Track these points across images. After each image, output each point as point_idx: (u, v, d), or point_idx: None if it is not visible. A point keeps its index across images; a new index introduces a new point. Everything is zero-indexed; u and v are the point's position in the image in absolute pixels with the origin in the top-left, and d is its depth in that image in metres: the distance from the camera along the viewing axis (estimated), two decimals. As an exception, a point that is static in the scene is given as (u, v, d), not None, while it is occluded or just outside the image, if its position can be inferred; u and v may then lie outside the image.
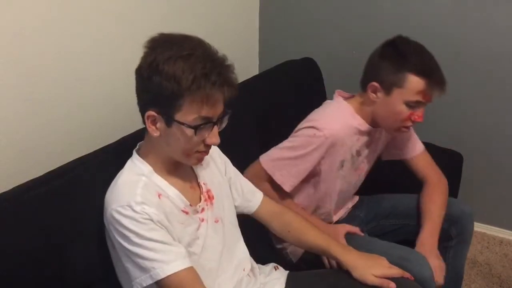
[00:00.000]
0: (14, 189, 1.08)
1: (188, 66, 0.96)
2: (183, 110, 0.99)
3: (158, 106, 1.01)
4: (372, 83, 1.41)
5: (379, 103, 1.42)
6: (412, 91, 1.36)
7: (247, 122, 1.68)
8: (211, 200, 1.17)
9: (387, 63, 1.39)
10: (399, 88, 1.37)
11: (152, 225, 1.00)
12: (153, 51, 0.99)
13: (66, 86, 1.39)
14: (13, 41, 1.23)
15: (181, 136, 1.02)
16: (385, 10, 2.08)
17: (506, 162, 2.10)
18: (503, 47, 1.93)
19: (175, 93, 0.97)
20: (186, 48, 0.98)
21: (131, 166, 1.10)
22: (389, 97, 1.39)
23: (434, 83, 1.36)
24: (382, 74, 1.40)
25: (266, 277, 1.28)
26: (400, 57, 1.38)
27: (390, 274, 1.20)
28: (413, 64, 1.35)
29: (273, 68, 1.98)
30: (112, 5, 1.49)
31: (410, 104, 1.37)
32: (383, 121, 1.45)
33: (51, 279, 1.06)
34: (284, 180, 1.44)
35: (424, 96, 1.36)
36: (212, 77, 0.97)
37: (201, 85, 0.96)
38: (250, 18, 2.29)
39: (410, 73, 1.35)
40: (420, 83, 1.35)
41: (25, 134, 1.30)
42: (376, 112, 1.45)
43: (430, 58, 1.39)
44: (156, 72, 0.97)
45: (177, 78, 0.96)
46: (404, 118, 1.39)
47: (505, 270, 2.05)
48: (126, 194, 1.02)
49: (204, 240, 1.13)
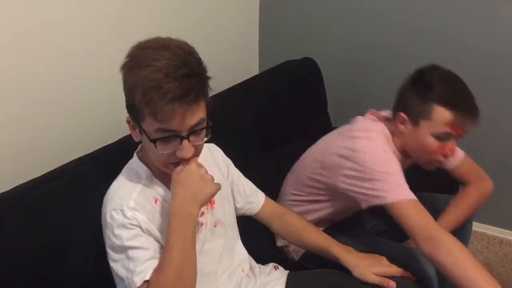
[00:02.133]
0: (14, 189, 1.08)
1: (145, 77, 0.92)
2: (146, 120, 0.96)
3: (129, 112, 1.00)
4: (400, 114, 1.35)
5: (407, 134, 1.35)
6: (439, 123, 1.28)
7: (247, 122, 1.68)
8: (212, 204, 1.17)
9: (414, 92, 1.33)
10: (426, 120, 1.29)
11: (138, 231, 0.99)
12: (131, 57, 0.97)
13: (66, 86, 1.39)
14: (13, 41, 1.23)
15: (149, 146, 1.00)
16: (385, 10, 2.08)
17: (506, 162, 2.10)
18: (503, 47, 1.93)
19: (136, 102, 0.95)
20: (152, 57, 0.94)
21: (131, 168, 1.09)
22: (417, 128, 1.32)
23: (463, 113, 1.27)
24: (409, 104, 1.33)
25: (266, 277, 1.28)
26: (426, 86, 1.30)
27: (390, 273, 1.20)
28: (438, 93, 1.28)
29: (273, 68, 1.98)
30: (113, 5, 1.49)
31: (439, 137, 1.30)
32: (413, 154, 1.38)
33: (51, 279, 1.06)
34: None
35: (453, 128, 1.28)
36: (162, 91, 0.90)
37: (152, 99, 0.91)
38: (250, 18, 2.29)
39: (435, 103, 1.27)
40: (446, 114, 1.27)
41: (25, 134, 1.30)
42: (406, 144, 1.37)
43: (459, 87, 1.31)
44: (128, 78, 0.96)
45: (132, 90, 0.94)
46: (433, 151, 1.32)
47: (505, 270, 2.05)
48: (121, 197, 1.02)
49: (203, 245, 1.13)
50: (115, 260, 1.00)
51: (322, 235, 1.30)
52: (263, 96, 1.79)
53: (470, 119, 1.28)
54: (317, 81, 2.06)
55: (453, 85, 1.31)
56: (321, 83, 2.07)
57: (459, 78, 1.33)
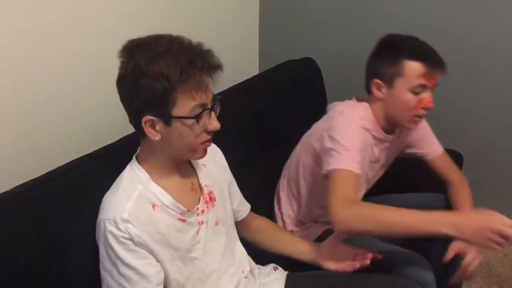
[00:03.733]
0: (14, 189, 1.08)
1: (171, 59, 0.95)
2: (179, 104, 0.98)
3: (152, 108, 0.99)
4: (375, 81, 1.42)
5: (386, 99, 1.42)
6: (412, 76, 1.35)
7: (247, 122, 1.68)
8: (213, 202, 1.17)
9: (383, 57, 1.41)
10: (400, 77, 1.36)
11: (131, 246, 0.99)
12: (131, 57, 0.97)
13: (66, 86, 1.39)
14: (13, 41, 1.23)
15: (184, 131, 1.01)
16: (386, 10, 2.08)
17: (506, 162, 2.10)
18: (503, 46, 1.93)
19: (166, 89, 0.96)
20: (162, 45, 0.97)
21: (130, 172, 1.08)
22: (393, 89, 1.39)
23: (432, 63, 1.35)
24: (381, 69, 1.40)
25: (265, 278, 1.28)
26: (393, 48, 1.39)
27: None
28: (407, 50, 1.36)
29: (273, 68, 1.98)
30: (113, 5, 1.49)
31: (415, 91, 1.36)
32: (396, 116, 1.43)
33: (51, 279, 1.06)
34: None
35: (427, 79, 1.35)
36: (198, 63, 0.96)
37: (190, 74, 0.95)
38: (250, 18, 2.29)
39: (406, 59, 1.35)
40: (417, 66, 1.35)
41: (25, 134, 1.30)
42: (387, 109, 1.43)
43: (422, 44, 1.39)
44: (141, 75, 0.95)
45: (165, 75, 0.95)
46: (413, 106, 1.38)
47: (505, 270, 2.05)
48: (116, 207, 1.01)
49: (205, 243, 1.13)
50: (105, 269, 1.01)
51: (295, 239, 1.36)
52: (263, 96, 1.79)
53: (439, 68, 1.36)
54: (317, 81, 2.06)
55: (416, 43, 1.40)
56: (321, 83, 2.07)
57: (417, 38, 1.42)
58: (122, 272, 0.99)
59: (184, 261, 1.08)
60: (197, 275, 1.11)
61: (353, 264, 1.24)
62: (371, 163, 1.51)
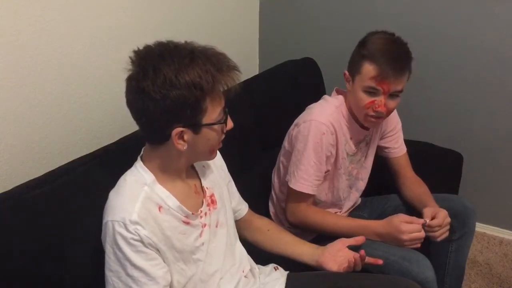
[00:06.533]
0: (14, 189, 1.08)
1: (200, 68, 0.95)
2: (209, 112, 0.99)
3: (183, 119, 0.98)
4: (345, 72, 1.45)
5: (349, 92, 1.45)
6: (365, 77, 1.36)
7: (247, 122, 1.68)
8: (214, 205, 1.17)
9: (354, 52, 1.43)
10: (358, 75, 1.39)
11: (141, 247, 0.99)
12: (157, 71, 0.94)
13: (66, 86, 1.39)
14: (14, 41, 1.23)
15: (211, 136, 1.03)
16: (386, 10, 2.08)
17: (506, 162, 2.10)
18: (503, 47, 1.93)
19: (198, 99, 0.96)
20: (184, 54, 0.96)
21: (135, 173, 1.07)
22: (353, 85, 1.41)
23: (384, 68, 1.33)
24: (350, 62, 1.44)
25: (266, 277, 1.28)
26: (362, 45, 1.41)
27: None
28: (369, 50, 1.36)
29: (273, 68, 1.98)
30: (113, 5, 1.49)
31: (367, 91, 1.37)
32: (354, 111, 1.46)
33: (51, 279, 1.06)
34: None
35: (378, 83, 1.35)
36: (224, 68, 0.98)
37: (220, 80, 0.97)
38: (250, 18, 2.29)
39: (365, 59, 1.36)
40: (370, 68, 1.35)
41: (25, 134, 1.30)
42: (349, 102, 1.47)
43: (390, 48, 1.36)
44: (172, 87, 0.93)
45: (197, 84, 0.94)
46: (365, 106, 1.39)
47: (505, 270, 2.05)
48: (124, 208, 1.00)
49: (208, 245, 1.13)
50: (111, 270, 1.00)
51: (296, 240, 1.36)
52: (263, 96, 1.79)
53: (392, 75, 1.33)
54: (317, 81, 2.06)
55: (384, 46, 1.37)
56: (321, 83, 2.07)
57: (398, 42, 1.39)
58: (130, 274, 0.98)
59: (186, 262, 1.08)
60: (199, 276, 1.11)
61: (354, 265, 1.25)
62: (349, 157, 1.53)
